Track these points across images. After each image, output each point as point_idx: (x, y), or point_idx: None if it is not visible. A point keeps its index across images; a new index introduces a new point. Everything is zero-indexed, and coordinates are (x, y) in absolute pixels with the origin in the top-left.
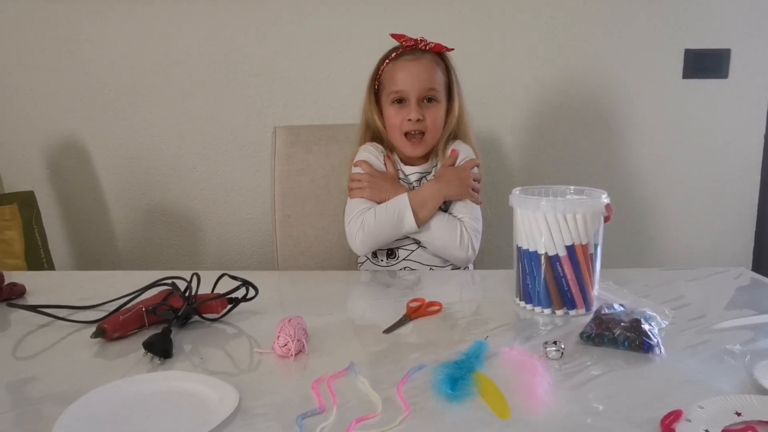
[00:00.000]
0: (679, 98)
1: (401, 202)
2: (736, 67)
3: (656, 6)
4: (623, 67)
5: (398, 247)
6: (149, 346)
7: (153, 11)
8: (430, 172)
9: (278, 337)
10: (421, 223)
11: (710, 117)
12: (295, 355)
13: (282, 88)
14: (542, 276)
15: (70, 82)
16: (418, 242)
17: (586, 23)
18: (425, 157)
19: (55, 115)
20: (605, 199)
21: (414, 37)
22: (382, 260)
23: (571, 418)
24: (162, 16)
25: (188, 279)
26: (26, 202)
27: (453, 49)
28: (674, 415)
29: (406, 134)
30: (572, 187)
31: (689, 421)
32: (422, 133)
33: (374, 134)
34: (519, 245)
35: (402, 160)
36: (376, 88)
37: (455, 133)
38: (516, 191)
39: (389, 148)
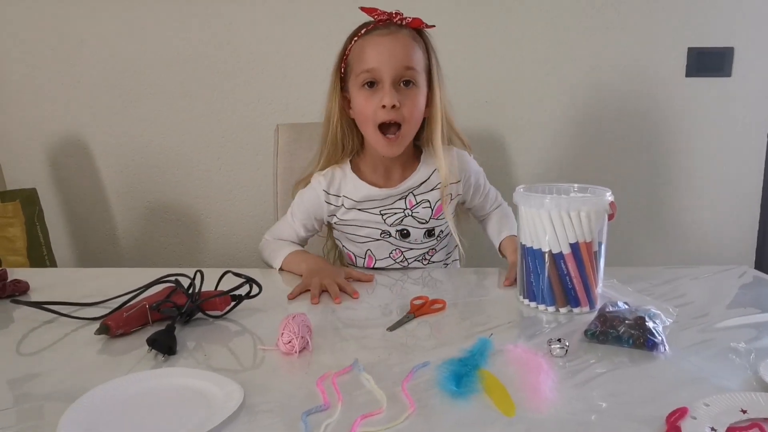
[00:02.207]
0: (682, 97)
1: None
2: (739, 66)
3: (659, 4)
4: (626, 65)
5: (379, 265)
6: (153, 342)
7: (155, 9)
8: (426, 180)
9: (282, 334)
10: None
11: (713, 115)
12: (299, 352)
13: (284, 86)
14: (546, 274)
15: (73, 80)
16: (405, 262)
17: (588, 22)
18: (408, 164)
19: (58, 113)
20: (609, 196)
21: (388, 11)
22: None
23: (575, 416)
24: (164, 14)
25: (192, 276)
26: (29, 200)
27: (434, 26)
28: (679, 413)
29: (380, 126)
30: (576, 185)
31: (694, 418)
32: (398, 125)
33: (338, 134)
34: (523, 243)
35: (375, 179)
36: (343, 73)
37: (435, 125)
38: (520, 189)
39: (356, 150)
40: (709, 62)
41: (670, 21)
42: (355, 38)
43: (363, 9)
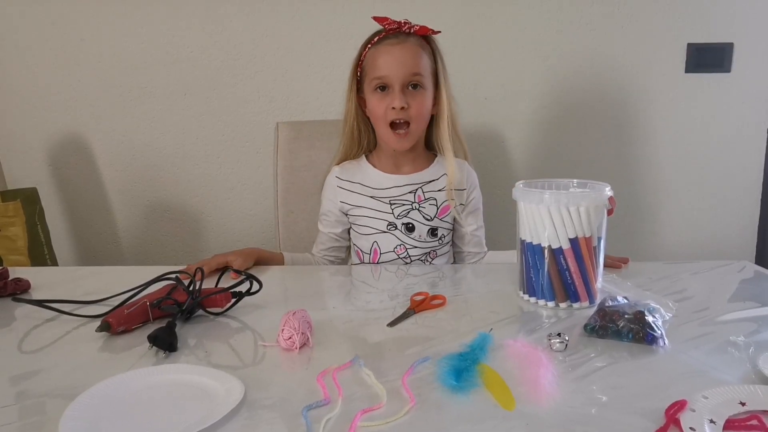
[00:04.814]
0: (681, 93)
1: None
2: (738, 62)
3: (658, 0)
4: (625, 61)
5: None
6: (154, 339)
7: (155, 8)
8: (436, 179)
9: (283, 330)
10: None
11: (713, 111)
12: (300, 348)
13: (284, 84)
14: (546, 269)
15: (73, 79)
16: (408, 259)
17: (588, 18)
18: (418, 161)
19: (58, 112)
20: (609, 192)
21: (397, 20)
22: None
23: (575, 409)
24: (164, 13)
25: (192, 273)
26: (29, 199)
27: (439, 32)
28: (679, 405)
29: (391, 124)
30: (575, 181)
31: (693, 411)
32: (407, 123)
33: (354, 130)
34: (522, 238)
35: (387, 168)
36: (359, 76)
37: (442, 123)
38: (519, 184)
39: (371, 147)
40: (709, 58)
41: (670, 16)
42: (369, 45)
43: (375, 18)
